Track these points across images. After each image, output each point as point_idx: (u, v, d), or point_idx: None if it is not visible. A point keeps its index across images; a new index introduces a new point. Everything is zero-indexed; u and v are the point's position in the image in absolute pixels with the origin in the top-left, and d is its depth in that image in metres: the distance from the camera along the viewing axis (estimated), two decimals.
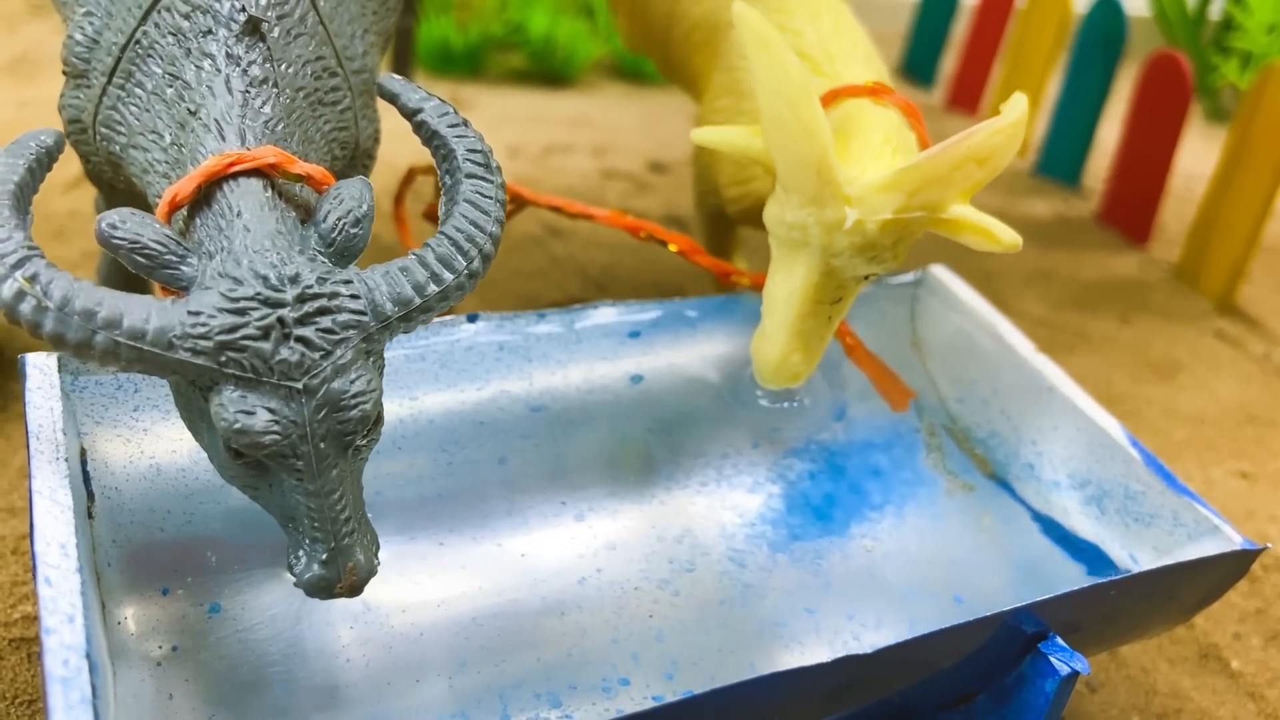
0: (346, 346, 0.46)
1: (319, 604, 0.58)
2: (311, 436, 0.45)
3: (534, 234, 1.17)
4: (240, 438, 0.44)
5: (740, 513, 0.69)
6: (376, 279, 0.48)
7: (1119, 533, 0.68)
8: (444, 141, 0.53)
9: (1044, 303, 1.21)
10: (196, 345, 0.44)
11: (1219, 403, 1.08)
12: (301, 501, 0.46)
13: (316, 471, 0.45)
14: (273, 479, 0.46)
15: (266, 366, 0.44)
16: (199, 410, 0.47)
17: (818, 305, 0.63)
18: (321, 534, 0.46)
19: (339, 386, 0.45)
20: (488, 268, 0.50)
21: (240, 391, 0.44)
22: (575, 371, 0.70)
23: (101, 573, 0.54)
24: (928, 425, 0.76)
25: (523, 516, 0.65)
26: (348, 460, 0.47)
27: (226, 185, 0.50)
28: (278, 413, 0.44)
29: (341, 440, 0.46)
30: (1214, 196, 1.24)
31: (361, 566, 0.47)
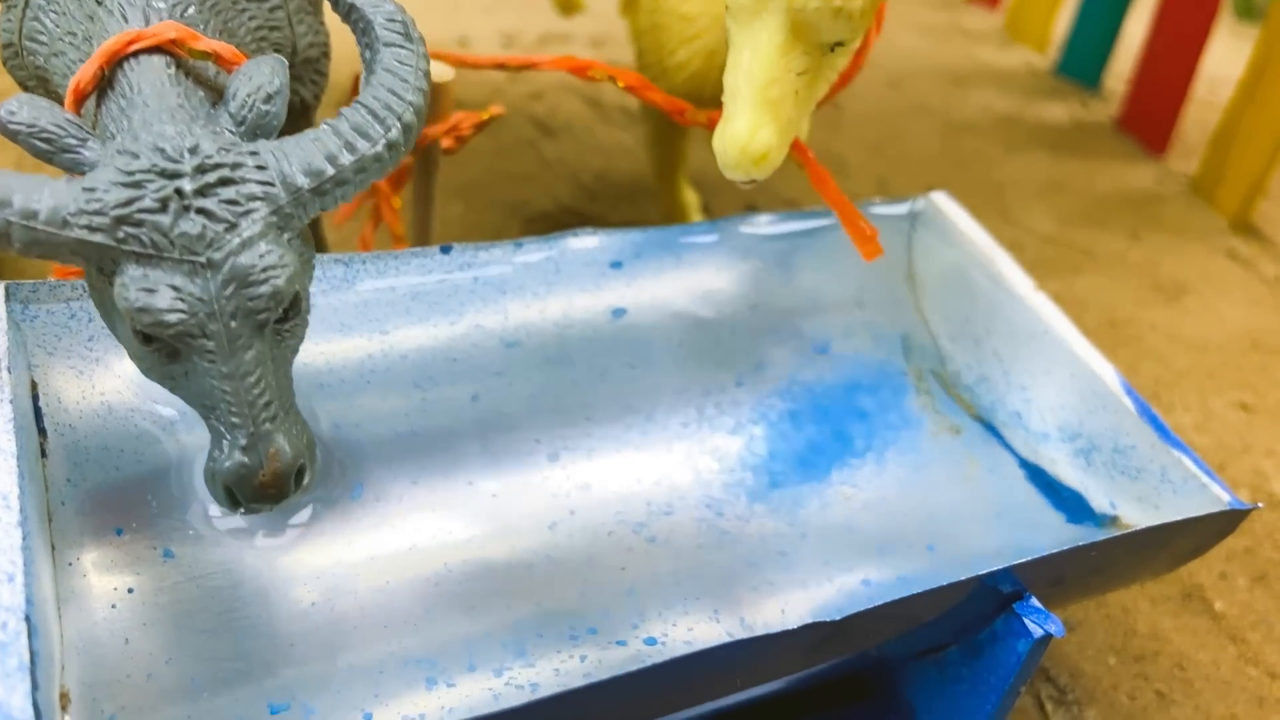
0: (253, 219, 0.44)
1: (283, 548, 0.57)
2: (220, 314, 0.43)
3: (525, 135, 1.13)
4: (143, 317, 0.43)
5: (720, 456, 0.67)
6: (287, 149, 0.46)
7: (1103, 483, 0.66)
8: (361, 14, 0.50)
9: (1053, 217, 1.17)
10: (92, 222, 0.43)
11: (1224, 328, 1.05)
12: (216, 386, 0.44)
13: (229, 352, 0.44)
14: (187, 365, 0.45)
15: (167, 241, 0.43)
16: (111, 300, 0.45)
17: (784, 74, 0.58)
18: (239, 419, 0.44)
19: (246, 261, 0.44)
20: (411, 141, 0.48)
21: (142, 269, 0.43)
22: (553, 305, 0.67)
23: (54, 512, 0.53)
24: (915, 368, 0.74)
25: (495, 456, 0.63)
26: (264, 342, 0.45)
27: (127, 65, 0.48)
28: (181, 290, 0.43)
29: (254, 319, 0.44)
30: (1237, 106, 1.19)
31: (284, 452, 0.45)
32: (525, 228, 1.01)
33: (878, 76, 1.38)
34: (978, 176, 1.22)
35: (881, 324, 0.76)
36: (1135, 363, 0.99)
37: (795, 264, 0.75)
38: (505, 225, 1.00)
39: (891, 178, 1.19)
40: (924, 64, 1.44)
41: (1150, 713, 0.70)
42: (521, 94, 1.19)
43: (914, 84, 1.39)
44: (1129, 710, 0.70)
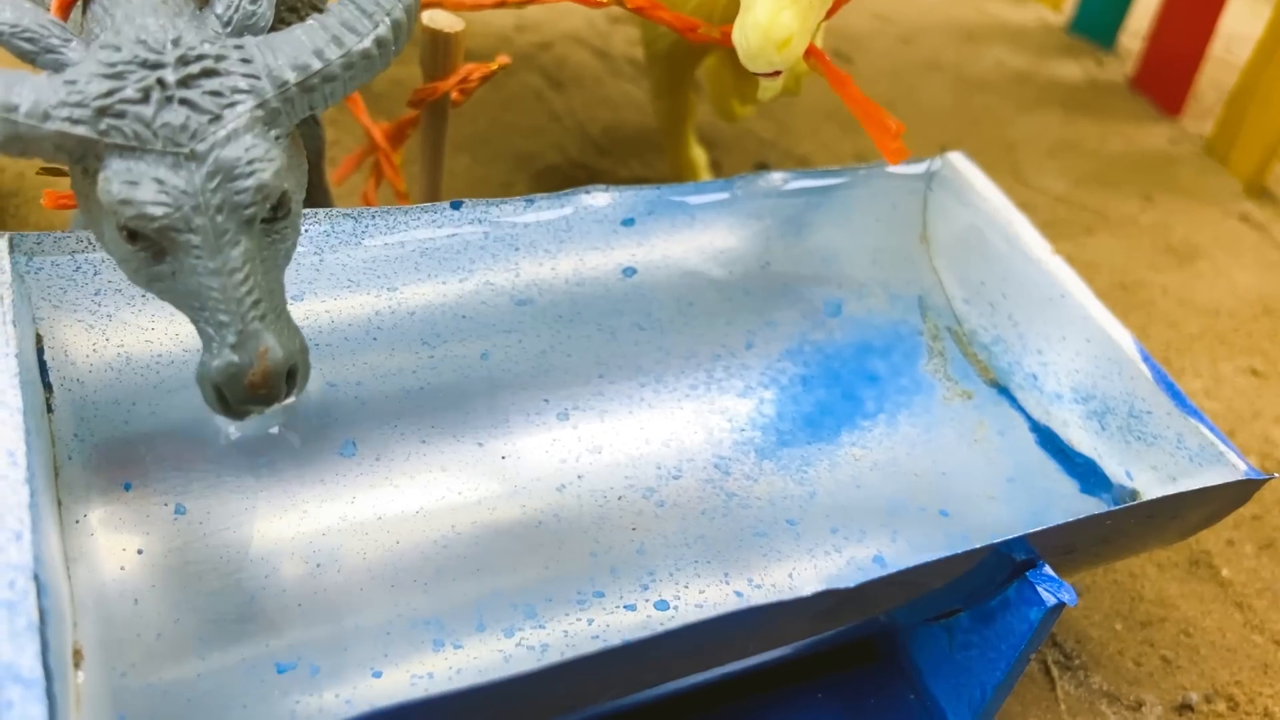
0: (237, 111, 0.44)
1: (291, 504, 0.57)
2: (206, 208, 0.43)
3: (533, 86, 1.11)
4: (126, 210, 0.42)
5: (730, 418, 0.67)
6: (273, 43, 0.45)
7: (1118, 449, 0.66)
8: None
9: (1066, 178, 1.16)
10: (73, 114, 0.42)
11: (1236, 293, 1.05)
12: (204, 283, 0.43)
13: (216, 248, 0.43)
14: (174, 264, 0.44)
15: (149, 132, 0.42)
16: (93, 201, 0.45)
17: None
18: (228, 316, 0.44)
19: (231, 153, 0.43)
20: (401, 40, 0.48)
21: (125, 162, 0.42)
22: (564, 262, 0.66)
23: (61, 467, 0.53)
24: (931, 327, 0.73)
25: (504, 415, 0.63)
26: (252, 239, 0.44)
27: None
28: (165, 182, 0.42)
29: (240, 214, 0.44)
30: (1255, 67, 1.17)
31: (275, 351, 0.44)
32: (533, 182, 1.00)
33: (890, 32, 1.36)
34: (990, 135, 1.21)
35: (896, 285, 0.75)
36: (1146, 326, 0.98)
37: (809, 223, 0.74)
38: (512, 179, 0.99)
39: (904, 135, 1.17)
40: (937, 19, 1.42)
41: (1156, 678, 0.70)
42: (529, 44, 1.17)
43: (926, 40, 1.36)
44: (1135, 675, 0.70)
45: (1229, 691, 0.70)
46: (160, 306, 0.57)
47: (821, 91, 1.21)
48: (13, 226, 0.81)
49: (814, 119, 1.17)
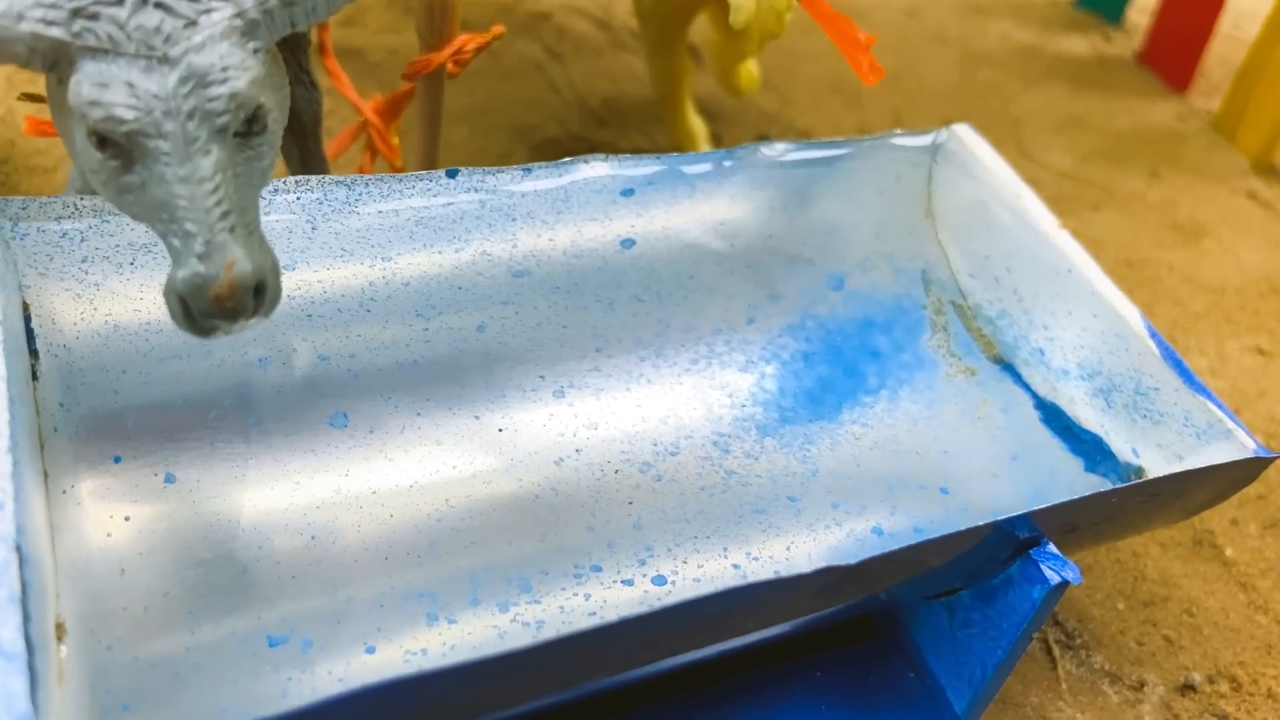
0: (214, 18, 0.43)
1: (284, 475, 0.56)
2: (177, 114, 0.42)
3: (532, 57, 1.09)
4: (96, 112, 0.42)
5: (730, 393, 0.66)
6: None
7: (1124, 426, 0.65)
8: None
9: (1072, 153, 1.15)
10: (48, 15, 0.42)
11: (1243, 271, 1.03)
12: (173, 192, 0.42)
13: (186, 155, 0.42)
14: (143, 173, 0.43)
15: (123, 35, 0.42)
16: (65, 110, 0.44)
17: None
18: (195, 226, 0.42)
19: (205, 60, 0.43)
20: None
21: (97, 65, 0.42)
22: (562, 233, 0.65)
23: (46, 439, 0.52)
24: (935, 301, 0.72)
25: (500, 389, 0.62)
26: (224, 149, 0.43)
27: None
28: (137, 86, 0.42)
29: (212, 122, 0.43)
30: (1263, 44, 1.15)
31: (242, 263, 0.43)
32: (532, 154, 0.98)
33: (895, 4, 1.34)
34: (995, 109, 1.19)
35: (900, 259, 0.74)
36: (1152, 304, 0.97)
37: (812, 195, 0.73)
38: (511, 151, 0.98)
39: (907, 109, 1.16)
40: None
41: (1158, 658, 0.69)
42: (528, 15, 1.16)
43: (932, 12, 1.35)
44: (1137, 655, 0.69)
45: (1232, 672, 0.69)
46: (149, 275, 0.56)
47: (823, 66, 1.20)
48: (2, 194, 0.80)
49: (817, 92, 1.15)
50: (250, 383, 0.57)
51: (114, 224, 0.55)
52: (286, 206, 0.58)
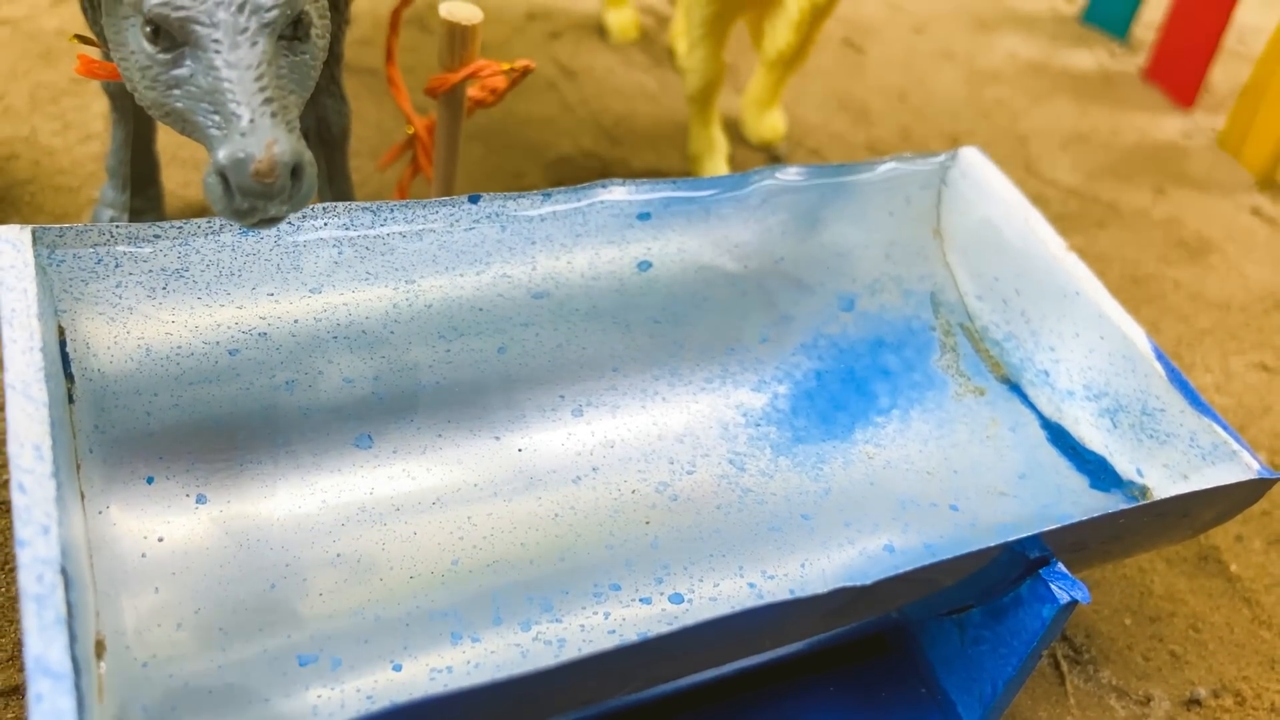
0: None
1: (311, 495, 0.57)
2: (229, 5, 0.46)
3: (546, 76, 1.11)
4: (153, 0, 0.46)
5: (745, 412, 0.67)
6: None
7: (1129, 447, 0.66)
8: None
9: (1078, 170, 1.16)
10: None
11: (1248, 287, 1.05)
12: (221, 77, 0.46)
13: (235, 43, 0.46)
14: (193, 65, 0.47)
15: None
16: (121, 15, 0.48)
17: None
18: (240, 107, 0.46)
19: None
20: None
21: None
22: (580, 256, 0.66)
23: (82, 460, 0.53)
24: (943, 322, 0.73)
25: (520, 410, 0.63)
26: (270, 44, 0.47)
27: None
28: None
29: (261, 16, 0.47)
30: (1268, 61, 1.17)
31: (282, 141, 0.46)
32: (545, 171, 1.00)
33: (902, 21, 1.36)
34: (1002, 126, 1.20)
35: (909, 279, 0.75)
36: (1157, 321, 0.98)
37: (823, 217, 0.74)
38: (526, 169, 0.99)
39: (915, 126, 1.17)
40: (949, 8, 1.41)
41: (1165, 673, 0.71)
42: (542, 34, 1.17)
43: (939, 29, 1.36)
44: (1143, 670, 0.71)
45: (1236, 687, 0.71)
46: (180, 299, 0.57)
47: (831, 83, 1.21)
48: (28, 214, 0.81)
49: (826, 111, 1.17)
50: (278, 405, 0.58)
51: (148, 250, 0.56)
52: (314, 231, 0.60)
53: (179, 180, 0.86)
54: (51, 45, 0.97)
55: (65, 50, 0.97)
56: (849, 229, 0.75)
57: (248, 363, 0.58)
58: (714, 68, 0.93)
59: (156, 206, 0.79)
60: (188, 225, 0.57)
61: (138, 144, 0.75)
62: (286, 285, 0.59)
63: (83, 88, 0.93)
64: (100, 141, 0.88)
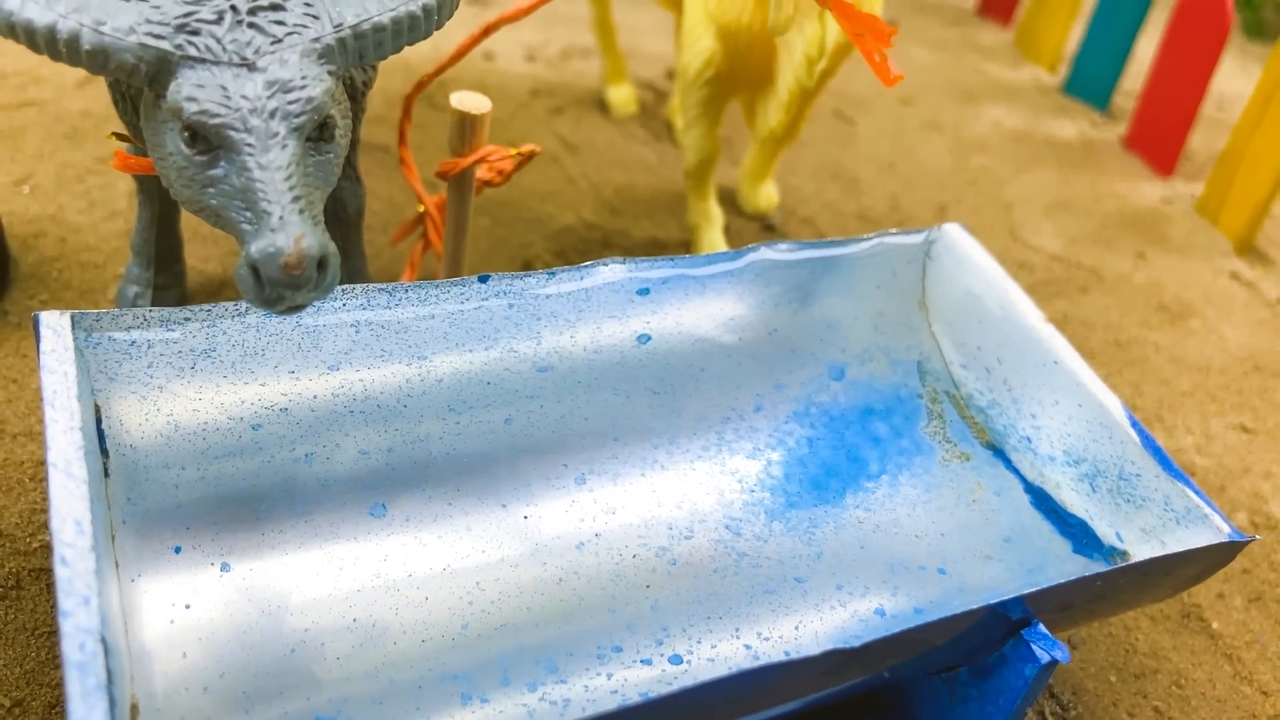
0: (296, 39, 0.52)
1: (328, 562, 0.60)
2: (261, 112, 0.50)
3: (549, 150, 1.16)
4: (192, 107, 0.49)
5: (740, 479, 0.70)
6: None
7: (1108, 511, 0.69)
8: None
9: (1062, 236, 1.20)
10: (155, 30, 0.50)
11: (1227, 350, 1.08)
12: (253, 178, 0.50)
13: (266, 146, 0.50)
14: (228, 166, 0.51)
15: (220, 46, 0.50)
16: (160, 120, 0.52)
17: None
18: (270, 205, 0.49)
19: (287, 72, 0.51)
20: (444, 14, 0.57)
21: (196, 72, 0.50)
22: (583, 331, 0.70)
23: (116, 531, 0.56)
24: (930, 390, 0.77)
25: (526, 479, 0.66)
26: (299, 146, 0.51)
27: None
28: (228, 88, 0.50)
29: (291, 121, 0.50)
30: (1243, 132, 1.22)
31: (309, 236, 0.49)
32: (549, 242, 1.04)
33: (891, 93, 1.41)
34: (988, 194, 1.25)
35: (896, 349, 0.79)
36: (1140, 384, 1.02)
37: (814, 290, 0.78)
38: (531, 240, 1.03)
39: (904, 195, 1.22)
40: (936, 80, 1.47)
41: None
42: (545, 109, 1.22)
43: (926, 100, 1.41)
44: None
45: None
46: (207, 377, 0.61)
47: (823, 153, 1.26)
48: (56, 289, 0.85)
49: (818, 180, 1.21)
50: (297, 477, 0.62)
51: (178, 332, 0.60)
52: (334, 313, 0.63)
53: (199, 256, 0.90)
54: (77, 126, 1.02)
55: (90, 131, 1.01)
56: (839, 301, 0.78)
57: (270, 437, 0.62)
58: (709, 145, 0.98)
59: (179, 282, 0.83)
60: (216, 309, 0.61)
61: (162, 224, 0.79)
62: (307, 363, 0.63)
63: (107, 167, 0.98)
64: (124, 219, 0.92)
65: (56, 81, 1.07)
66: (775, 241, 0.77)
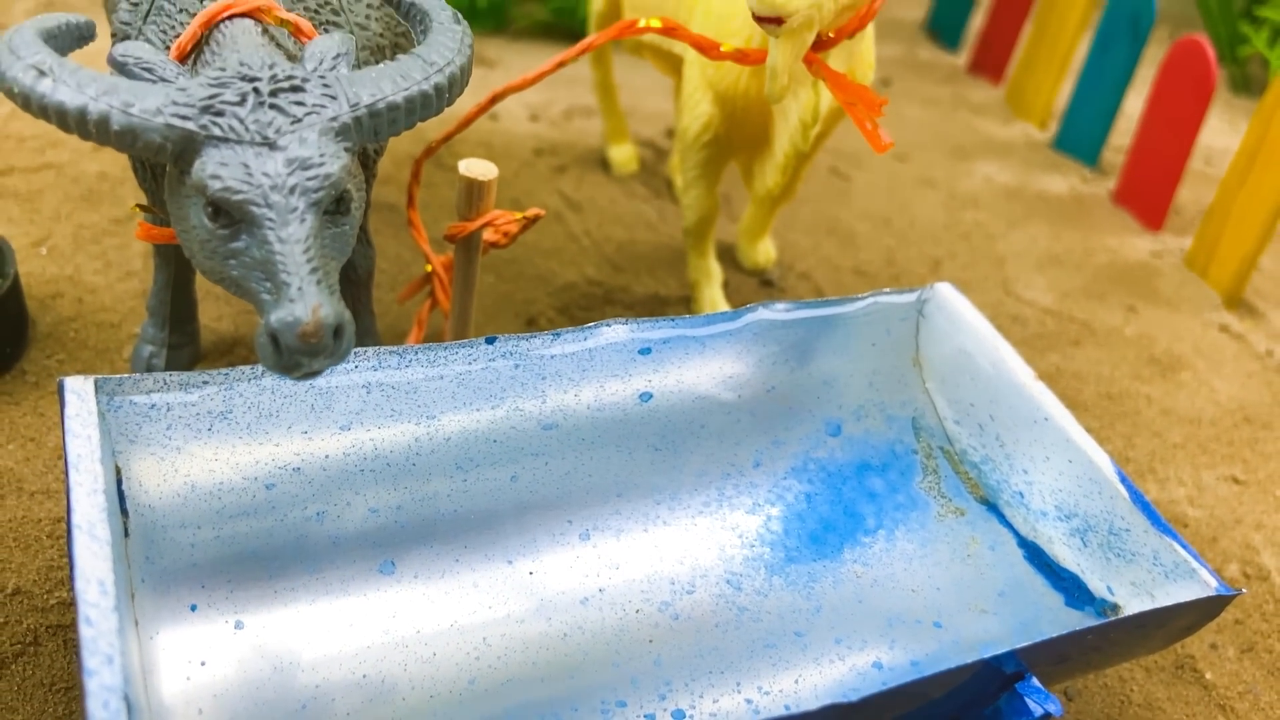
0: (315, 118, 0.54)
1: (338, 619, 0.62)
2: (281, 188, 0.52)
3: (553, 208, 1.19)
4: (216, 184, 0.52)
5: (740, 534, 0.72)
6: (350, 76, 0.56)
7: (1099, 565, 0.71)
8: (418, 8, 0.63)
9: (1054, 290, 1.23)
10: (181, 111, 0.53)
11: (1217, 402, 1.10)
12: (273, 250, 0.52)
13: (286, 221, 0.52)
14: (249, 239, 0.53)
15: (243, 126, 0.53)
16: (184, 195, 0.55)
17: None
18: (289, 276, 0.52)
19: (306, 150, 0.53)
20: (454, 93, 0.59)
21: (220, 151, 0.52)
22: (587, 390, 0.72)
23: (136, 590, 0.58)
24: (924, 446, 0.79)
25: (532, 535, 0.68)
26: (316, 220, 0.53)
27: (222, 25, 0.59)
28: (250, 166, 0.52)
29: (310, 196, 0.53)
30: (1229, 187, 1.25)
31: (326, 306, 0.51)
32: (553, 298, 1.06)
33: None
34: (981, 249, 1.28)
35: (891, 406, 0.81)
36: (1132, 436, 1.04)
37: (810, 348, 0.80)
38: (535, 296, 1.06)
39: (899, 250, 1.24)
40: (929, 137, 1.50)
41: None
42: (549, 168, 1.25)
43: (920, 157, 1.45)
44: None
45: None
46: (223, 439, 0.63)
47: (819, 209, 1.29)
48: (73, 349, 0.87)
49: (815, 236, 1.24)
50: (309, 535, 0.64)
51: (196, 395, 0.62)
52: (346, 374, 0.66)
53: (212, 315, 0.93)
54: (93, 188, 1.05)
55: (106, 193, 1.04)
56: (835, 359, 0.81)
57: (283, 496, 0.63)
58: (708, 205, 1.01)
59: (193, 341, 0.85)
60: (233, 373, 0.63)
61: (178, 286, 0.81)
62: (319, 424, 0.65)
63: (122, 228, 1.01)
64: (139, 278, 0.95)
65: (73, 145, 1.10)
66: (772, 301, 0.79)
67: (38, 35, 0.55)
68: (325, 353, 0.52)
